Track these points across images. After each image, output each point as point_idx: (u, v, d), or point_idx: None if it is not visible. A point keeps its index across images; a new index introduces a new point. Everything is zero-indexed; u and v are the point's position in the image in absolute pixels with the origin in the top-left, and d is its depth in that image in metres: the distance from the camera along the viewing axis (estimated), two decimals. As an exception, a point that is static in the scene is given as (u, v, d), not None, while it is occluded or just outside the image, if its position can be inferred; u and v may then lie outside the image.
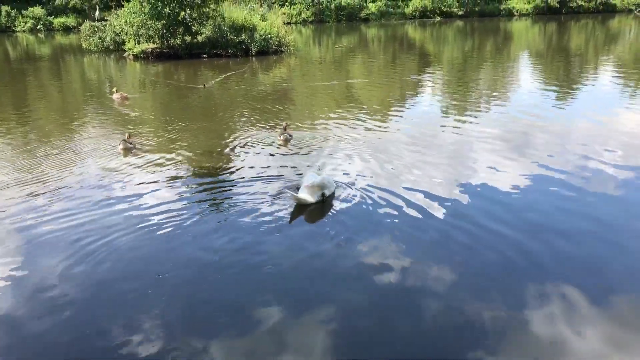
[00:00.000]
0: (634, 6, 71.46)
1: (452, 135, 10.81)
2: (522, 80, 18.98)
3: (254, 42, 27.56)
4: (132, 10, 27.26)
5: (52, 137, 11.39)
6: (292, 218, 6.74)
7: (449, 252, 5.83)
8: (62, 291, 5.19)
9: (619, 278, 5.27)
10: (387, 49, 34.15)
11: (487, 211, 6.83)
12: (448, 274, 5.36)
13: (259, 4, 40.81)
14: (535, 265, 5.52)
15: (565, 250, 5.81)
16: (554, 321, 4.57)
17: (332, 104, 14.84)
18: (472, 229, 6.31)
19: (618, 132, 10.78)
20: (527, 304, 4.81)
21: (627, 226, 6.41)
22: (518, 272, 5.40)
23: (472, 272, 5.41)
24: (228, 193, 7.69)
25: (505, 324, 4.54)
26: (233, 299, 5.02)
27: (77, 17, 60.92)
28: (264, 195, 7.41)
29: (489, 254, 5.73)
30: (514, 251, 5.78)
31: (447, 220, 6.58)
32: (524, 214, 6.74)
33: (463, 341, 4.36)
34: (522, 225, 6.40)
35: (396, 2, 71.21)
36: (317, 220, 6.65)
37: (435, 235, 6.19)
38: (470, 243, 5.99)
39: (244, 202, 7.20)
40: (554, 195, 7.37)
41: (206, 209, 7.08)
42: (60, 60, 30.79)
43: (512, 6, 71.18)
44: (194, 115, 13.75)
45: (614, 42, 34.55)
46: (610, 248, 5.87)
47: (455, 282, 5.21)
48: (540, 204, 7.05)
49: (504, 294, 5.00)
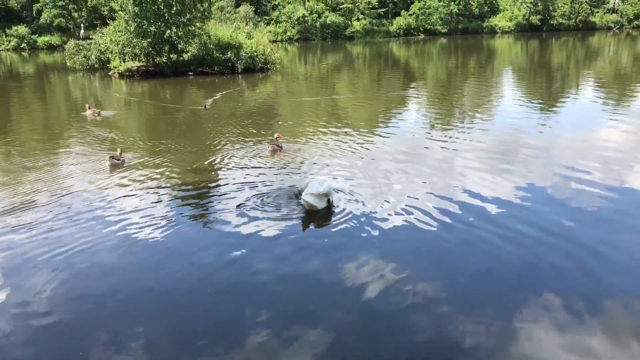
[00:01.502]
0: (613, 24, 73.13)
1: (436, 149, 10.87)
2: (506, 96, 19.22)
3: (240, 60, 27.67)
4: (117, 29, 27.25)
5: (34, 155, 11.25)
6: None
7: (436, 265, 5.82)
8: (44, 308, 5.08)
9: (606, 287, 5.30)
10: (372, 66, 34.47)
11: (473, 224, 6.84)
12: (435, 287, 5.35)
13: (244, 22, 41.05)
14: (522, 277, 5.54)
15: (550, 261, 5.83)
16: (544, 332, 4.56)
17: (318, 119, 14.87)
18: (459, 243, 6.32)
19: (598, 147, 10.93)
20: (516, 317, 4.80)
21: (612, 238, 6.46)
22: (507, 285, 5.40)
23: (461, 285, 5.40)
24: (215, 207, 7.62)
25: (495, 338, 4.52)
26: (219, 315, 4.95)
27: (62, 36, 60.72)
28: (251, 210, 7.36)
29: (477, 267, 5.74)
30: (502, 263, 5.79)
31: (432, 234, 6.58)
32: (510, 226, 6.76)
33: (452, 355, 4.33)
34: (508, 239, 6.42)
35: (380, 20, 72.14)
36: (303, 234, 6.62)
37: (422, 249, 6.19)
38: (458, 256, 6.00)
39: (232, 217, 7.15)
40: (537, 209, 7.41)
41: (193, 224, 7.02)
42: (44, 78, 30.61)
43: (495, 24, 72.50)
44: (181, 132, 13.68)
45: (594, 59, 35.24)
46: (595, 259, 5.90)
47: (443, 296, 5.19)
48: (525, 217, 7.08)
49: (493, 307, 4.99)
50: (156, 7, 26.10)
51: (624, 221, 6.95)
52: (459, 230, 6.69)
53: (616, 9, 75.08)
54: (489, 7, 74.61)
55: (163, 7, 26.15)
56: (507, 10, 74.24)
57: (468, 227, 6.76)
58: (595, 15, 74.19)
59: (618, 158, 9.91)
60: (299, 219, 7.05)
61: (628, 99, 17.61)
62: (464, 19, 71.86)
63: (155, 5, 26.04)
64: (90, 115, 15.77)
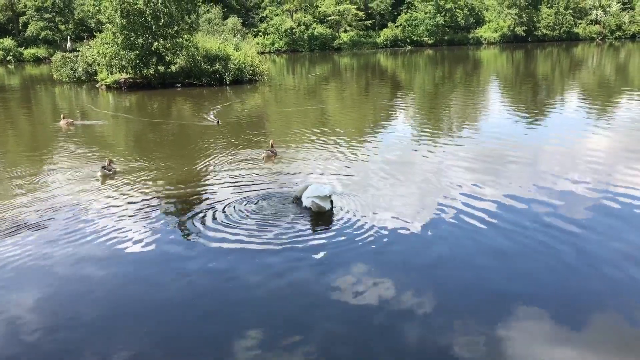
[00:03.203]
0: (596, 35, 74.33)
1: (424, 159, 10.91)
2: (492, 106, 19.42)
3: (228, 72, 27.70)
4: (105, 41, 27.18)
5: (20, 167, 11.12)
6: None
7: (425, 274, 5.83)
8: (31, 323, 5.00)
9: (592, 297, 5.34)
10: (360, 77, 34.67)
11: (460, 234, 6.88)
12: (425, 297, 5.34)
13: (232, 34, 41.15)
14: (511, 287, 5.56)
15: (537, 272, 5.87)
16: (532, 341, 4.58)
17: (307, 129, 14.89)
18: (447, 252, 6.34)
19: (584, 155, 11.06)
20: (505, 327, 4.82)
21: (599, 248, 6.52)
22: (495, 296, 5.42)
23: (450, 295, 5.41)
24: (205, 218, 7.56)
25: (484, 348, 4.53)
26: (208, 328, 4.90)
27: (48, 48, 60.33)
28: (240, 219, 7.33)
29: (466, 276, 5.76)
30: (490, 273, 5.81)
31: (421, 244, 6.59)
32: (497, 236, 6.80)
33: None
34: (496, 248, 6.46)
35: (368, 32, 72.66)
36: (292, 244, 6.59)
37: (411, 259, 6.19)
38: (446, 266, 6.02)
39: (221, 227, 7.11)
40: (524, 218, 7.46)
41: (181, 235, 6.97)
42: (30, 90, 30.38)
43: (480, 35, 73.32)
44: (171, 143, 13.64)
45: (578, 69, 35.75)
46: (582, 268, 5.95)
47: (432, 306, 5.18)
48: (512, 228, 7.11)
49: (483, 317, 4.99)
50: (144, 19, 26.07)
51: (608, 230, 7.01)
52: (447, 240, 6.71)
53: (599, 20, 76.34)
54: (475, 18, 75.48)
55: (150, 19, 26.12)
56: (492, 21, 75.15)
57: (456, 237, 6.79)
58: (579, 27, 75.33)
59: (602, 166, 10.03)
60: (288, 229, 7.03)
61: (611, 108, 17.86)
62: (450, 30, 72.56)
63: (142, 17, 26.01)
64: (64, 126, 15.95)
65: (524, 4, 72.23)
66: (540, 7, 73.31)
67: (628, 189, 8.51)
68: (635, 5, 74.64)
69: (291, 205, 7.92)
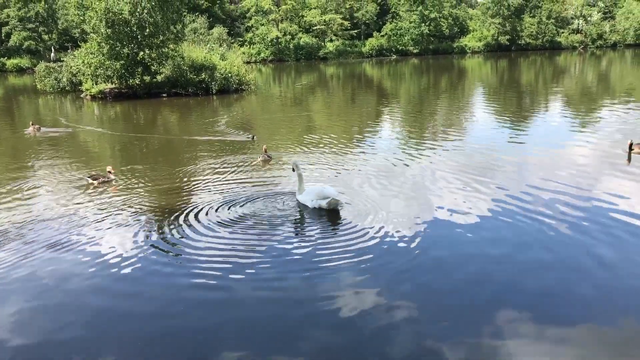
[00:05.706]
0: (578, 44, 75.62)
1: (410, 165, 10.94)
2: (477, 114, 19.58)
3: (215, 81, 27.67)
4: (89, 51, 27.02)
5: (4, 178, 10.96)
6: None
7: (414, 282, 5.81)
8: (17, 337, 4.90)
9: (583, 302, 5.37)
10: (346, 86, 34.82)
11: (448, 242, 6.90)
12: (415, 305, 5.32)
13: (218, 43, 41.15)
14: (501, 294, 5.57)
15: (526, 279, 5.89)
16: (522, 347, 4.58)
17: (295, 136, 14.89)
18: (437, 260, 6.35)
19: (568, 162, 11.17)
20: (495, 333, 4.82)
21: (584, 255, 6.56)
22: (483, 303, 5.42)
23: (440, 303, 5.40)
24: (193, 228, 7.49)
25: (475, 354, 4.52)
26: (197, 339, 4.83)
27: (32, 58, 59.85)
28: (231, 226, 7.28)
29: (456, 284, 5.75)
30: (480, 280, 5.82)
31: (410, 251, 6.58)
32: (486, 244, 6.82)
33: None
34: (485, 255, 6.48)
35: (353, 41, 73.15)
36: (281, 253, 6.53)
37: (401, 266, 6.17)
38: (436, 273, 6.01)
39: (209, 237, 7.06)
40: (511, 226, 7.49)
41: (169, 246, 6.89)
42: (13, 101, 30.05)
43: (465, 44, 74.23)
44: (160, 151, 13.54)
45: (561, 77, 36.26)
46: (571, 275, 5.98)
47: (423, 313, 5.17)
48: (499, 234, 7.15)
49: (473, 324, 4.99)
50: (129, 29, 25.98)
51: (596, 235, 7.05)
52: (435, 247, 6.71)
53: (580, 29, 77.70)
54: (459, 28, 76.46)
55: (136, 29, 26.03)
56: (476, 31, 76.17)
57: (444, 245, 6.80)
58: (561, 36, 76.59)
59: (586, 172, 10.14)
60: (276, 236, 6.98)
61: (593, 115, 18.10)
62: (434, 39, 73.35)
63: (128, 27, 25.92)
64: (31, 132, 16.93)
65: (507, 14, 73.32)
66: (523, 17, 74.49)
67: (610, 196, 8.58)
68: (615, 15, 76.14)
69: (285, 212, 8.03)
